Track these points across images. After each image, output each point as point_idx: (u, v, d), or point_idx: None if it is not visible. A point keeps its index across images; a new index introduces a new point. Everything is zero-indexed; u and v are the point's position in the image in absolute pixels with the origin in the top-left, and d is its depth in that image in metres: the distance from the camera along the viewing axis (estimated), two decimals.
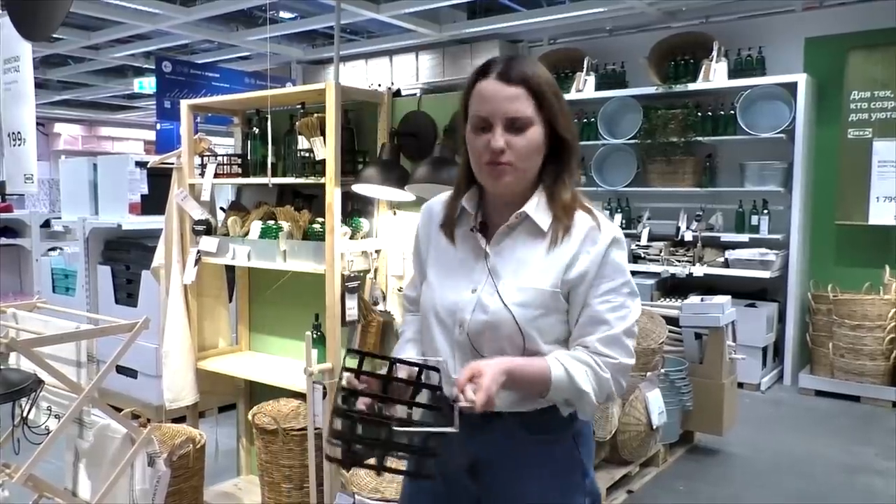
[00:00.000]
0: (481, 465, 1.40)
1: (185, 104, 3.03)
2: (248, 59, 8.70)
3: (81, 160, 5.13)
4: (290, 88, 2.74)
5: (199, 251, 3.03)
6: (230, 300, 3.36)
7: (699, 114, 5.63)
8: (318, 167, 2.64)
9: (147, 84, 9.28)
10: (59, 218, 5.23)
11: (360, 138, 2.85)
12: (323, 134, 2.62)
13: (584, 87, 6.16)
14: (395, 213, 2.82)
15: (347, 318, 2.66)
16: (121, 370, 4.70)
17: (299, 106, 2.81)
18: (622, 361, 1.33)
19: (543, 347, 1.33)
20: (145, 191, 4.48)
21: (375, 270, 2.83)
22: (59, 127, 14.90)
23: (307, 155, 2.66)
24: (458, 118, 1.38)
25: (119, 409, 4.79)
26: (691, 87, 5.61)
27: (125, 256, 4.58)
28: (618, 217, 5.99)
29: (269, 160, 2.75)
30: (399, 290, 2.79)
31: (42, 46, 8.12)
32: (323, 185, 2.61)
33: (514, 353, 1.32)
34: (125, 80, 10.12)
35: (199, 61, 8.18)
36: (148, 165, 3.85)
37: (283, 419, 2.80)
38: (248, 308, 3.36)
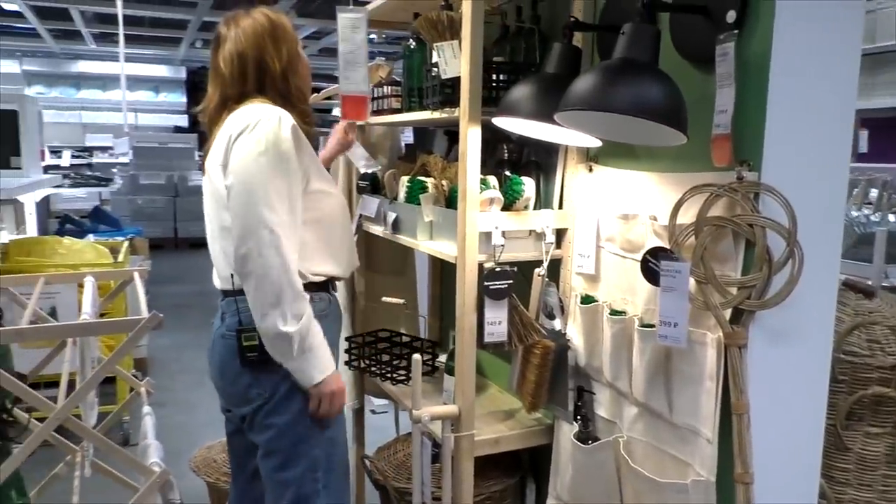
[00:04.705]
0: None
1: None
2: None
3: None
4: None
5: (361, 214, 2.31)
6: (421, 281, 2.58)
7: None
8: (452, 92, 1.64)
9: None
10: None
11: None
12: (456, 36, 1.60)
13: None
14: (590, 170, 1.68)
15: (486, 339, 1.65)
16: None
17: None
18: None
19: None
20: (410, 139, 3.89)
21: (553, 263, 1.73)
22: None
23: (436, 73, 1.67)
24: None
25: None
26: None
27: None
28: None
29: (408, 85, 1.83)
30: (586, 300, 1.65)
31: None
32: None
33: None
34: None
35: None
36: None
37: (396, 469, 1.92)
38: (440, 295, 2.53)
